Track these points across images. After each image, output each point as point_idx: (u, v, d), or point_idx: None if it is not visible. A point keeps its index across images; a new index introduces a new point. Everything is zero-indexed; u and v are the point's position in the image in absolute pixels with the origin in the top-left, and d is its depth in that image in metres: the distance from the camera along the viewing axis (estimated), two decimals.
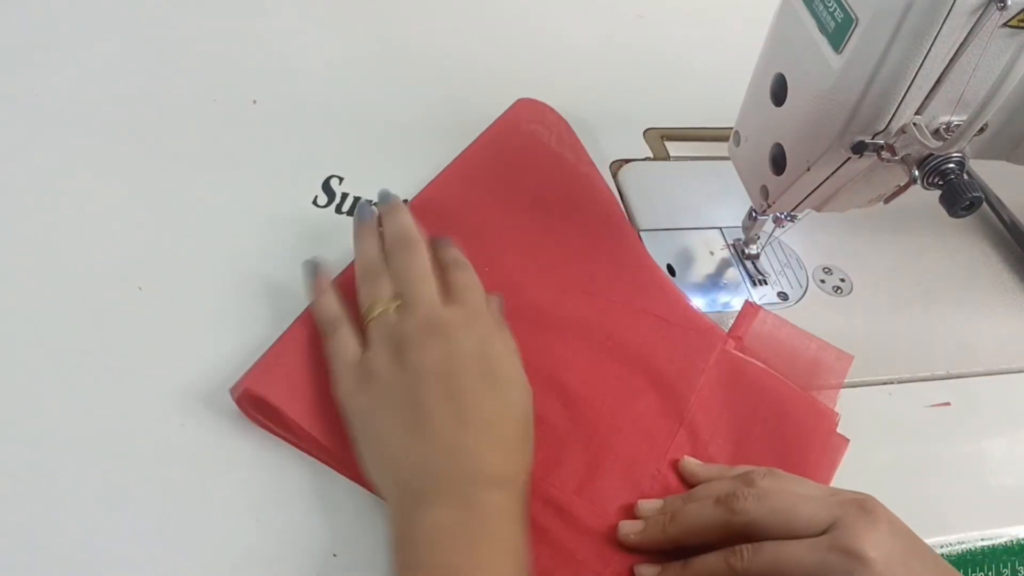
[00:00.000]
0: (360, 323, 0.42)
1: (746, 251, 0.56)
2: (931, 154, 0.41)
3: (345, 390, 0.40)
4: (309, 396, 0.41)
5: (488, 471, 0.37)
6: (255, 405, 0.41)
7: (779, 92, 0.44)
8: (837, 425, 0.47)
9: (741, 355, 0.49)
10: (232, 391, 0.41)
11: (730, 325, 0.51)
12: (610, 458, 0.43)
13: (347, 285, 0.45)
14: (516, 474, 0.39)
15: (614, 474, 0.43)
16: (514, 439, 0.40)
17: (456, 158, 0.55)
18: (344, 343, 0.41)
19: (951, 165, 0.41)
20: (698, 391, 0.47)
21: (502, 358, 0.41)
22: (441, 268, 0.44)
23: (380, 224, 0.46)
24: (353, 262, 0.46)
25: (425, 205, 0.51)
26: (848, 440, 0.47)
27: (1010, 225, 0.62)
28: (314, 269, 0.44)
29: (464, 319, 0.41)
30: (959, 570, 0.41)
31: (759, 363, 0.49)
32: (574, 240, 0.53)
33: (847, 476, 0.46)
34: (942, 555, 0.44)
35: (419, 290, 0.42)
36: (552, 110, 0.60)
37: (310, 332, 0.43)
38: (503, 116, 0.59)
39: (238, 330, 0.45)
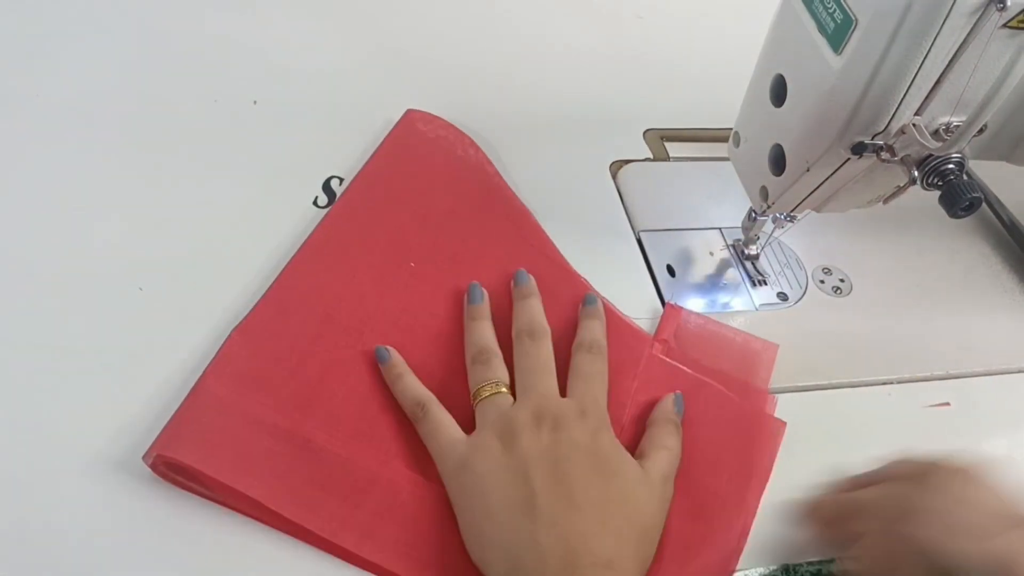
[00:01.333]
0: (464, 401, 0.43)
1: (746, 252, 0.56)
2: (931, 155, 0.41)
3: (450, 469, 0.40)
4: (226, 451, 0.39)
5: (597, 553, 0.36)
6: (172, 468, 0.38)
7: (779, 93, 0.44)
8: (773, 409, 0.48)
9: (668, 360, 0.49)
10: (144, 457, 0.38)
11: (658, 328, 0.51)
12: None
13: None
14: (627, 562, 0.38)
15: None
16: (628, 529, 0.38)
17: (358, 173, 0.53)
18: (440, 422, 0.41)
19: (951, 166, 0.41)
20: (632, 397, 0.46)
21: (615, 454, 0.41)
22: (575, 347, 0.45)
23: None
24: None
25: (337, 221, 0.50)
26: (784, 423, 0.47)
27: (1009, 226, 0.62)
28: (387, 354, 0.44)
29: (578, 412, 0.41)
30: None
31: (685, 367, 0.48)
32: (491, 251, 0.52)
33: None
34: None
35: (538, 380, 0.43)
36: (442, 120, 0.58)
37: (220, 389, 0.41)
38: (398, 126, 0.57)
39: None
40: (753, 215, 0.53)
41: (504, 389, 0.43)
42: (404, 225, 0.51)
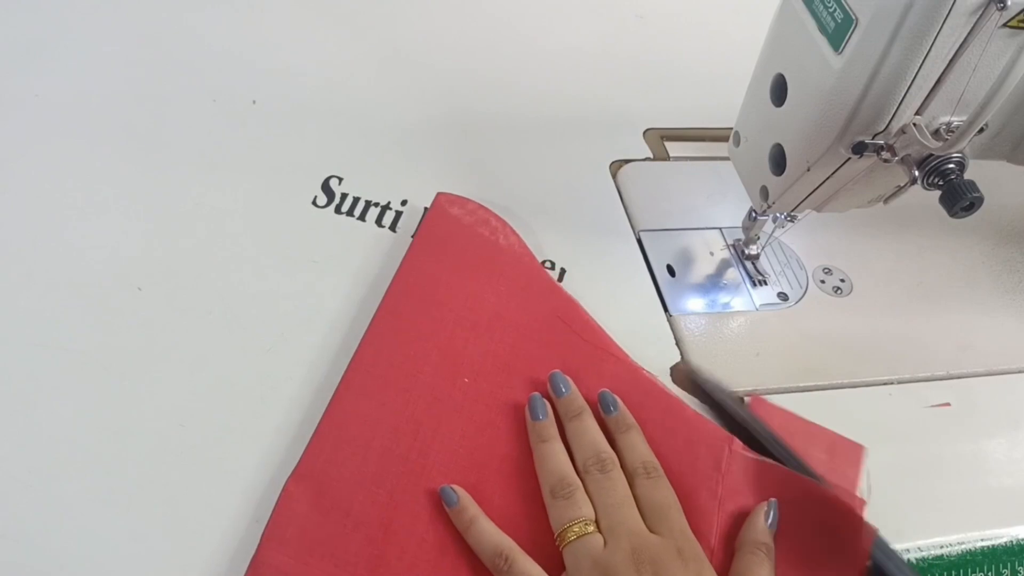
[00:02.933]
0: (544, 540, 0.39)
1: (746, 251, 0.56)
2: (931, 154, 0.41)
3: None
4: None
5: None
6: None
7: (779, 92, 0.44)
8: (863, 510, 0.43)
9: (750, 453, 0.44)
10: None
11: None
12: None
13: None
14: None
15: None
16: None
17: (397, 272, 0.49)
18: (527, 574, 0.37)
19: (951, 165, 0.41)
20: (719, 501, 0.42)
21: None
22: (629, 474, 0.41)
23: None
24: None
25: (381, 335, 0.46)
26: (876, 528, 0.42)
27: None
28: (454, 495, 0.40)
29: (675, 552, 0.38)
30: (959, 570, 0.41)
31: (769, 460, 0.44)
32: (545, 353, 0.48)
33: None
34: (942, 555, 0.44)
35: (622, 517, 0.39)
36: (474, 203, 0.54)
37: (281, 558, 0.37)
38: (430, 214, 0.53)
39: (239, 329, 0.45)
40: (753, 215, 0.53)
41: (592, 528, 0.38)
42: (452, 335, 0.46)
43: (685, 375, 0.49)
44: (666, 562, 0.37)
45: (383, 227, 0.53)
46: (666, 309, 0.52)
